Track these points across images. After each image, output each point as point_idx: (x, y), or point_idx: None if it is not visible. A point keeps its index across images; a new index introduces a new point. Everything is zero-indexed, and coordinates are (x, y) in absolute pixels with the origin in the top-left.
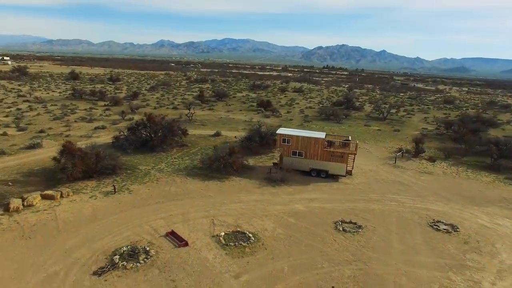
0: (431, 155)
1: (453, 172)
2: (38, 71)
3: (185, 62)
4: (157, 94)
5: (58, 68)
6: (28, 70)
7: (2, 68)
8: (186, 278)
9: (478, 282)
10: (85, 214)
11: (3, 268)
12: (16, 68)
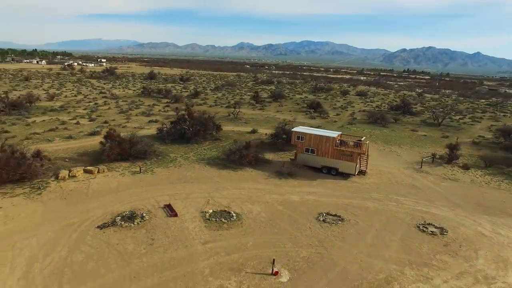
0: (466, 163)
1: (483, 181)
2: (124, 71)
3: (261, 64)
4: (219, 94)
5: (142, 68)
6: (117, 70)
7: (97, 69)
8: (163, 239)
9: (430, 278)
10: (111, 186)
11: (41, 216)
12: (107, 69)
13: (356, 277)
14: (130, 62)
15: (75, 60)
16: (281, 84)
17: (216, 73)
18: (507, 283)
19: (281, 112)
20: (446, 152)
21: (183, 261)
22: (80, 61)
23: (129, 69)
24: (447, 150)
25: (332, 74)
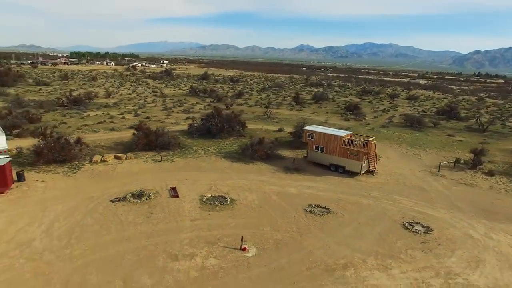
0: (492, 169)
1: (504, 188)
2: (181, 72)
3: (318, 67)
4: (263, 95)
5: (199, 70)
6: (174, 71)
7: (156, 70)
8: (160, 214)
9: (389, 268)
10: (132, 170)
11: (70, 189)
12: (165, 70)
13: (317, 260)
14: (190, 64)
15: (140, 61)
16: (331, 87)
17: (270, 75)
18: (467, 280)
19: (317, 113)
20: (470, 157)
21: (170, 232)
22: (144, 63)
23: (187, 70)
24: (472, 155)
25: (391, 77)
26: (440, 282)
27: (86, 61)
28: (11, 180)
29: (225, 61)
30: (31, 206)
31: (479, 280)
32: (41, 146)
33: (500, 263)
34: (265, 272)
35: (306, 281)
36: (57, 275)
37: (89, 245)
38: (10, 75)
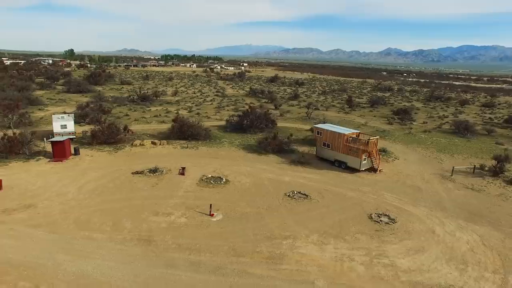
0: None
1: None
2: (255, 74)
3: (402, 71)
4: (321, 98)
5: (274, 72)
6: (249, 73)
7: (231, 72)
8: (163, 185)
9: (325, 244)
10: (161, 153)
11: (107, 163)
12: (239, 72)
13: (267, 230)
14: (269, 67)
15: (221, 64)
16: (401, 92)
17: (343, 78)
18: (392, 262)
19: (363, 116)
20: (493, 164)
21: (163, 197)
22: (224, 65)
23: (262, 72)
24: (494, 162)
25: (484, 83)
26: (364, 260)
27: (172, 63)
28: (69, 153)
29: (303, 65)
30: (76, 172)
31: (404, 263)
32: (96, 130)
33: (442, 254)
34: (219, 232)
35: (246, 242)
36: (72, 214)
37: (102, 200)
38: (102, 75)
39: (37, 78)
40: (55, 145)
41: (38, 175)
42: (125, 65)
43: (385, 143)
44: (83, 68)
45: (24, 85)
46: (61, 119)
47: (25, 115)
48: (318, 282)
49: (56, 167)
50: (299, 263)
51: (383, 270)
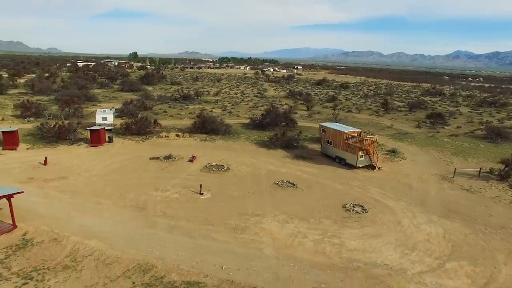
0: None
1: (510, 200)
2: (305, 77)
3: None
4: (360, 101)
5: (327, 75)
6: (300, 76)
7: (279, 74)
8: (172, 168)
9: (287, 223)
10: (181, 144)
11: (133, 149)
12: (288, 75)
13: (242, 209)
14: (323, 70)
15: (275, 66)
16: (454, 97)
17: (396, 82)
18: (341, 241)
19: (394, 119)
20: (500, 168)
21: (167, 178)
22: (277, 68)
23: (314, 75)
24: (501, 166)
25: None
26: (316, 238)
27: (227, 65)
28: (104, 140)
29: (359, 68)
30: (106, 155)
31: (353, 244)
32: (129, 122)
33: (394, 241)
34: (201, 207)
35: (220, 215)
36: (92, 186)
37: (118, 177)
38: (154, 76)
39: (100, 78)
40: (92, 133)
41: (76, 156)
42: (182, 67)
43: (401, 144)
44: (142, 69)
45: (84, 84)
46: (103, 112)
47: (78, 109)
48: (266, 250)
49: (91, 151)
50: (257, 235)
51: (329, 247)
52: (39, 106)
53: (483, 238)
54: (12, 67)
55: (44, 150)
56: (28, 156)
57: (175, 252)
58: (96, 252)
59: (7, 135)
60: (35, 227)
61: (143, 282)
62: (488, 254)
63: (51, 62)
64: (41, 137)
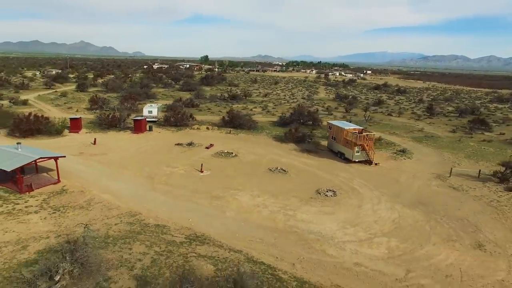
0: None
1: (494, 199)
2: (368, 82)
3: None
4: (411, 105)
5: (394, 80)
6: (364, 80)
7: (343, 79)
8: (190, 152)
9: (257, 196)
10: (208, 135)
11: (166, 137)
12: (349, 79)
13: (229, 184)
14: (393, 75)
15: (343, 71)
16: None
17: (468, 88)
18: (293, 213)
19: (433, 124)
20: (498, 170)
21: (181, 158)
22: (343, 72)
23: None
24: (501, 168)
25: None
26: (274, 209)
27: (292, 69)
28: (145, 128)
29: (434, 74)
30: (143, 140)
31: (303, 216)
32: (168, 115)
33: (343, 218)
34: (197, 180)
35: (208, 187)
36: (122, 160)
37: (145, 156)
38: (214, 78)
39: (166, 79)
40: (135, 122)
41: (120, 139)
42: (248, 69)
43: (417, 145)
44: (209, 71)
45: (147, 83)
46: (149, 107)
47: (135, 104)
48: (228, 213)
49: (133, 137)
50: (228, 202)
51: (281, 216)
52: (105, 101)
53: (432, 225)
54: (98, 69)
55: (97, 134)
56: (85, 138)
57: (160, 207)
58: (105, 201)
59: (73, 121)
60: (72, 183)
61: (127, 221)
62: (424, 236)
63: (132, 64)
64: (99, 125)
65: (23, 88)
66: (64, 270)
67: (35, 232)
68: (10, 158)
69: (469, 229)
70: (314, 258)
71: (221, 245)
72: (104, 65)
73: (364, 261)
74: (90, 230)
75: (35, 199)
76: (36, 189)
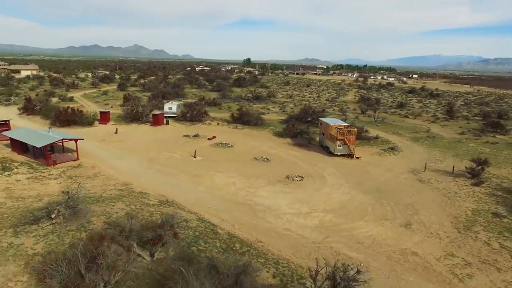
0: (484, 181)
1: (453, 191)
2: (407, 86)
3: None
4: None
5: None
6: (402, 85)
7: (377, 82)
8: (192, 142)
9: (231, 177)
10: (216, 129)
11: (177, 129)
12: (387, 82)
13: (213, 168)
14: (442, 79)
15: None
16: None
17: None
18: (255, 190)
19: (446, 126)
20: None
21: (183, 147)
22: (386, 76)
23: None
24: (472, 164)
25: None
26: (240, 186)
27: (333, 72)
28: (162, 122)
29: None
30: (158, 131)
31: (261, 193)
32: (184, 111)
33: (296, 197)
34: (188, 164)
35: (194, 168)
36: (134, 146)
37: (154, 144)
38: (246, 80)
39: (201, 80)
40: (153, 116)
41: (138, 130)
42: (289, 72)
43: (412, 144)
44: (249, 74)
45: (179, 84)
46: (170, 104)
47: (161, 102)
48: (201, 187)
49: (150, 129)
50: (204, 179)
51: (242, 192)
52: (135, 98)
53: (376, 207)
54: (142, 71)
55: (121, 126)
56: (110, 128)
57: (149, 180)
58: (108, 174)
59: (102, 114)
60: (87, 161)
61: (119, 188)
62: (361, 215)
63: (177, 66)
64: (125, 118)
65: (73, 87)
66: (59, 212)
67: (50, 191)
68: (41, 138)
69: (408, 212)
70: (253, 223)
71: (183, 208)
72: (150, 67)
73: (293, 228)
74: (82, 187)
75: (57, 170)
76: (59, 163)
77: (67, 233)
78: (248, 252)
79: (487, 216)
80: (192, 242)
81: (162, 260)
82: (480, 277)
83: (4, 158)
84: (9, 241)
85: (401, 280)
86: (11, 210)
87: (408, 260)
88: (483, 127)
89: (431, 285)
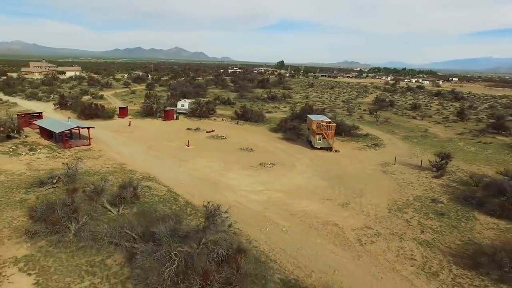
0: (444, 174)
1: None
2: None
3: None
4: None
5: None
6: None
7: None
8: (192, 134)
9: (214, 163)
10: (219, 124)
11: (185, 123)
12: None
13: (200, 155)
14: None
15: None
16: None
17: None
18: (225, 173)
19: (449, 127)
20: (435, 160)
21: (182, 137)
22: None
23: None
24: (436, 159)
25: None
26: (217, 169)
27: (367, 75)
28: (172, 117)
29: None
30: (167, 125)
31: (230, 175)
32: (194, 108)
33: (259, 179)
34: (181, 151)
35: (183, 154)
36: (141, 136)
37: (158, 135)
38: (269, 81)
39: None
40: (164, 112)
41: (150, 124)
42: (320, 75)
43: (399, 142)
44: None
45: (200, 84)
46: (182, 101)
47: (179, 100)
48: (182, 168)
49: (161, 123)
50: (187, 162)
51: (214, 174)
52: (156, 96)
53: (326, 190)
54: (176, 72)
55: (136, 120)
56: (126, 122)
57: (142, 162)
58: (110, 157)
59: (121, 109)
60: (97, 146)
61: (115, 167)
62: (309, 195)
63: (212, 68)
64: (141, 113)
65: (107, 86)
66: (59, 178)
67: (60, 166)
68: (60, 126)
69: (353, 195)
70: (211, 195)
71: (159, 182)
72: (185, 69)
73: (242, 200)
74: (81, 162)
75: (70, 152)
76: (73, 147)
77: (62, 193)
78: (194, 214)
79: (425, 202)
80: (154, 204)
81: (125, 214)
82: (380, 243)
83: (33, 141)
84: (20, 196)
85: (309, 241)
86: (27, 178)
87: (326, 228)
88: (485, 128)
89: (333, 246)
